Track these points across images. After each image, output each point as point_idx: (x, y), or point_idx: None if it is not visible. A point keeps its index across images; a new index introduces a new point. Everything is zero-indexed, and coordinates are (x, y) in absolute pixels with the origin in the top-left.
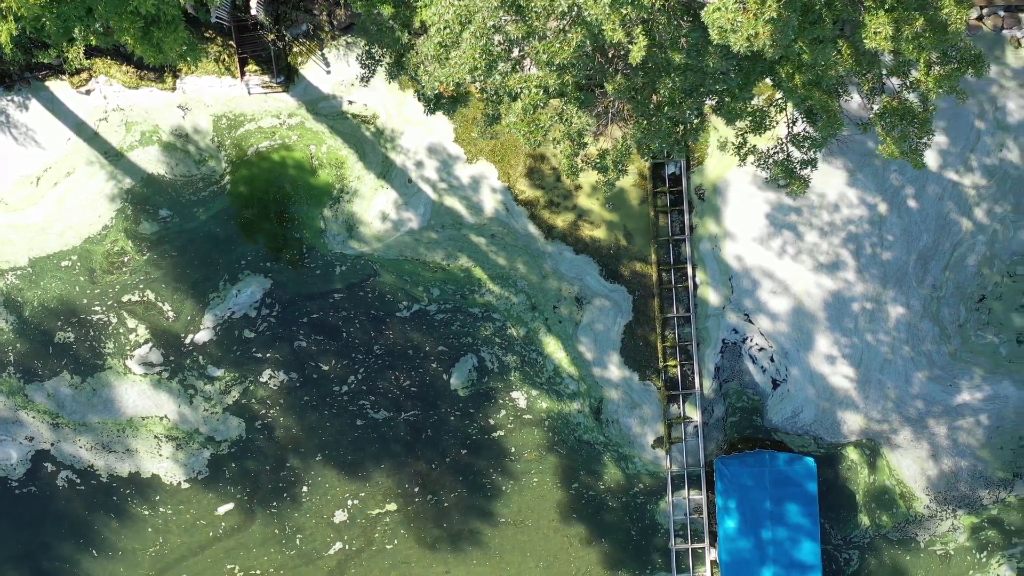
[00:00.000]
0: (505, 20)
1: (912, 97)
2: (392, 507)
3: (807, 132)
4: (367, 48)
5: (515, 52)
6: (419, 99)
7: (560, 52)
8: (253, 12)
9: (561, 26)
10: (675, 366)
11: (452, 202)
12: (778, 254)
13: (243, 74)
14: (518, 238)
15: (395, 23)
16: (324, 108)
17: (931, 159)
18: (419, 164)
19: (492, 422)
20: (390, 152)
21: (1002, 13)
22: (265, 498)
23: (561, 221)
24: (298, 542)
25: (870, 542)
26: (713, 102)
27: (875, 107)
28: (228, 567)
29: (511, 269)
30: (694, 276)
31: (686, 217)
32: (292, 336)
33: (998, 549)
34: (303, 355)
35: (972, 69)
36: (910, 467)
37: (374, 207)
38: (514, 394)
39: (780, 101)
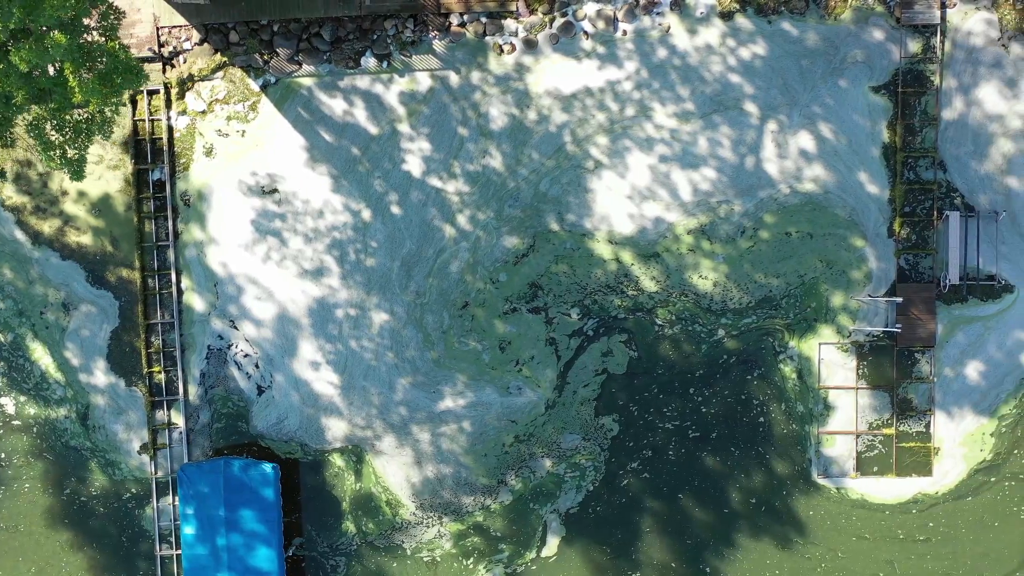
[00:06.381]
0: None
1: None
2: None
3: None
4: None
5: None
6: None
7: None
8: None
9: None
10: (160, 372)
11: None
12: (263, 260)
13: None
14: (5, 243)
15: None
16: None
17: (414, 166)
18: None
19: None
20: None
21: (484, 19)
22: None
23: (48, 227)
24: None
25: (357, 549)
26: None
27: None
28: None
29: None
30: (179, 282)
31: (170, 223)
32: None
33: (484, 556)
34: None
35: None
36: (395, 474)
37: None
38: (2, 400)
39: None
